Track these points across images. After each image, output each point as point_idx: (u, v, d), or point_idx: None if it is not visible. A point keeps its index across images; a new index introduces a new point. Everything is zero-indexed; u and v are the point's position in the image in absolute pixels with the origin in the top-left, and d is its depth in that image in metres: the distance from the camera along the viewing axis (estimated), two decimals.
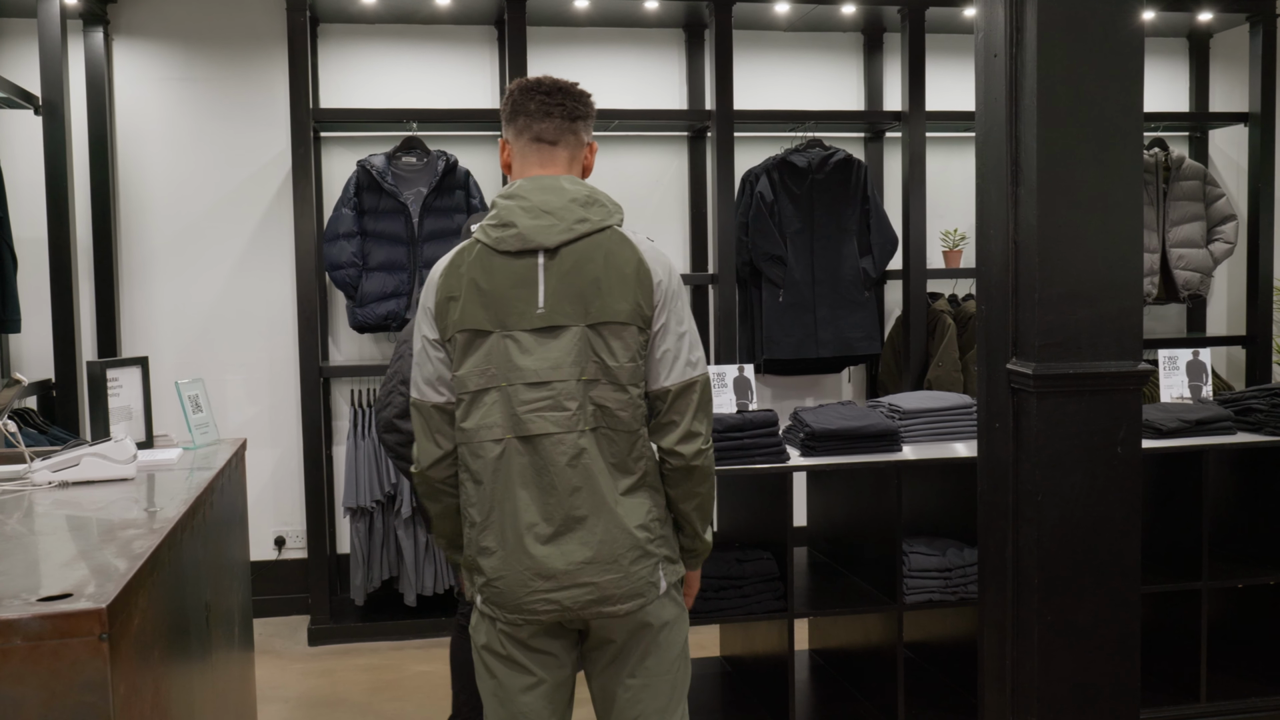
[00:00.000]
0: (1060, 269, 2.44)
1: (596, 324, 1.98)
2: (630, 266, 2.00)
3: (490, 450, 1.99)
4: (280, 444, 5.01)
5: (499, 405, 1.98)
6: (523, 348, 1.98)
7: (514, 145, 2.10)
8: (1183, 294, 5.28)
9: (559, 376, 1.97)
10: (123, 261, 4.88)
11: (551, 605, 1.99)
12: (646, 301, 2.00)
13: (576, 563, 1.97)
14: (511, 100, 2.10)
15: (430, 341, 2.05)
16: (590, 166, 2.14)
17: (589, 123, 2.12)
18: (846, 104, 5.38)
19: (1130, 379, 2.46)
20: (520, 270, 1.99)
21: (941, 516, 3.66)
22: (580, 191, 2.03)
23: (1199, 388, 3.82)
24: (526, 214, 1.99)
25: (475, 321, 1.99)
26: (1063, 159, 2.42)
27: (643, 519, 2.02)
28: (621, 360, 1.99)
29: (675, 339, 2.03)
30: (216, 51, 4.91)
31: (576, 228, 1.99)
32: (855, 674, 3.73)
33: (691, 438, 2.04)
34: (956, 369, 4.96)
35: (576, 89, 2.11)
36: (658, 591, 2.05)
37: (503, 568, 2.00)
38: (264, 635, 4.70)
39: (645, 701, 2.08)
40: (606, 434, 1.99)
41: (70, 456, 2.38)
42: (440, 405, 2.04)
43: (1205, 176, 5.32)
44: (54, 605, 1.45)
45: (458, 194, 4.74)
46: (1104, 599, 2.50)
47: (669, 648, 2.09)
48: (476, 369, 1.99)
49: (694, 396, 2.04)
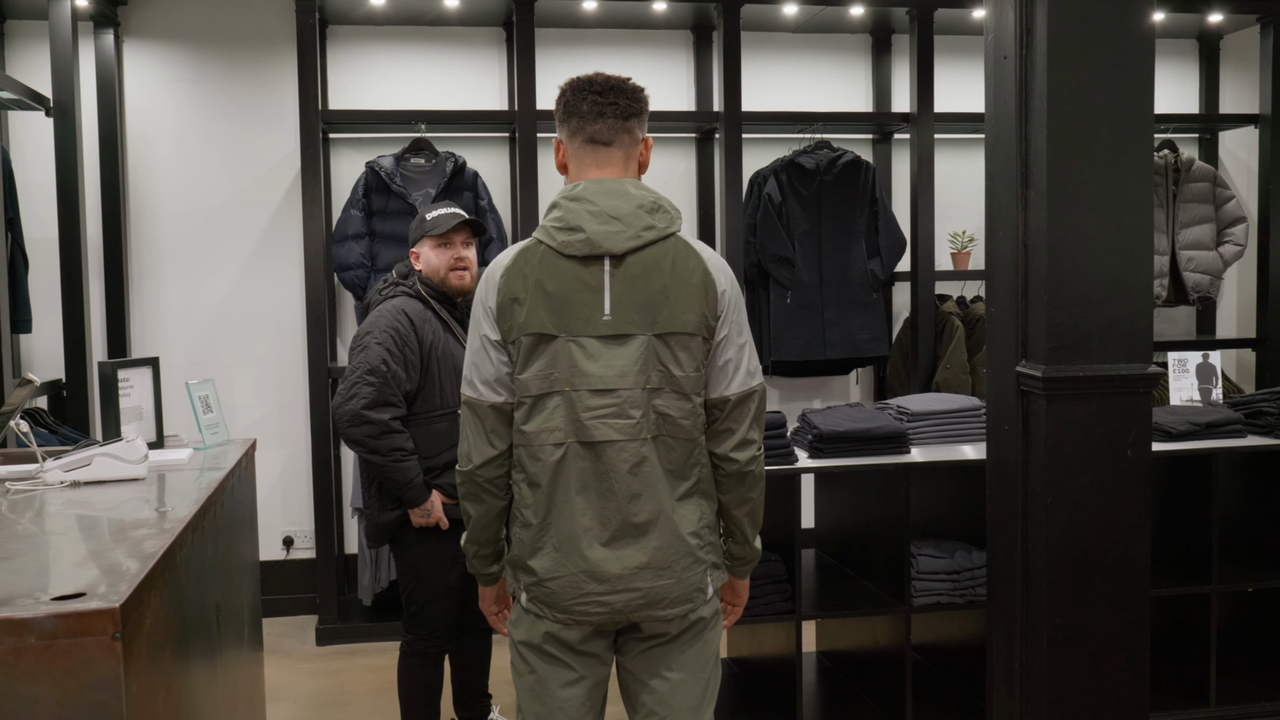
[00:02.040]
0: (1070, 271, 2.43)
1: (663, 334, 1.98)
2: (696, 276, 2.00)
3: (550, 454, 1.99)
4: (289, 444, 5.03)
5: (561, 410, 1.98)
6: (589, 354, 1.98)
7: (568, 146, 2.09)
8: (1192, 296, 5.27)
9: (624, 385, 1.97)
10: (133, 262, 4.90)
11: (603, 608, 2.00)
12: (711, 312, 2.01)
13: (631, 568, 1.98)
14: (564, 101, 2.07)
15: (491, 342, 2.04)
16: (646, 163, 2.12)
17: (643, 119, 2.09)
18: (855, 105, 5.37)
19: (1140, 381, 2.46)
20: (586, 276, 1.98)
21: (950, 519, 3.65)
22: (646, 197, 2.02)
23: (1209, 390, 3.81)
24: (594, 219, 1.98)
25: (541, 325, 1.99)
26: (1073, 161, 2.42)
27: (695, 525, 2.04)
28: (687, 370, 2.00)
29: (736, 349, 2.05)
30: (226, 53, 4.93)
31: (644, 235, 1.99)
32: (863, 676, 3.73)
33: (746, 445, 2.05)
34: (965, 371, 4.96)
35: (629, 85, 2.08)
36: (705, 597, 2.07)
37: (557, 569, 2.00)
38: (272, 635, 4.71)
39: (680, 698, 2.08)
40: (666, 441, 2.00)
41: (82, 456, 2.39)
42: (498, 405, 2.04)
43: (1215, 178, 5.31)
44: (67, 605, 1.45)
45: (466, 195, 4.75)
46: (1113, 602, 2.49)
47: (708, 645, 2.11)
48: (540, 373, 1.99)
49: (751, 405, 2.06)
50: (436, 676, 3.22)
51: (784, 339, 4.95)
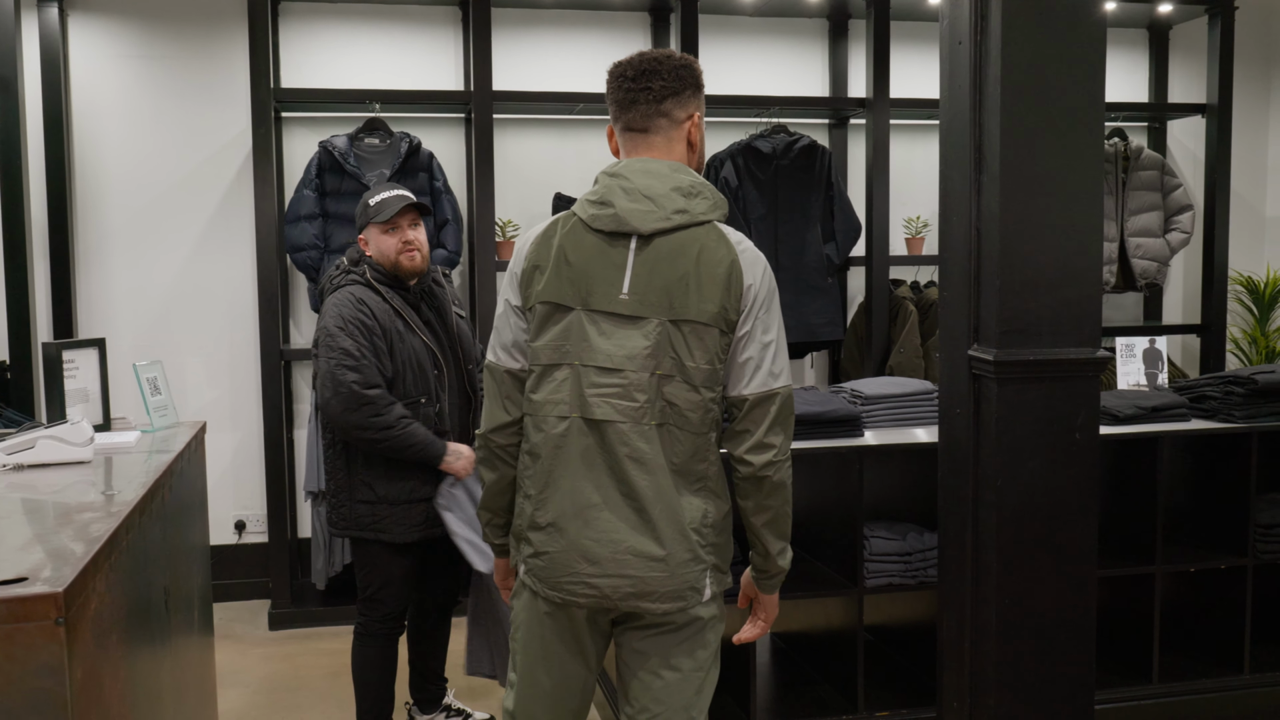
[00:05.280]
0: (1021, 256, 2.46)
1: (679, 320, 1.94)
2: (723, 267, 1.96)
3: (554, 426, 1.97)
4: (241, 427, 4.96)
5: (569, 383, 1.96)
6: (601, 330, 1.95)
7: (615, 132, 2.08)
8: (1140, 283, 5.36)
9: (632, 367, 1.94)
10: (79, 241, 4.80)
11: (591, 590, 1.97)
12: (734, 306, 1.96)
13: (622, 551, 1.94)
14: (607, 88, 2.06)
15: (512, 308, 2.03)
16: (696, 141, 2.06)
17: (684, 97, 2.02)
18: (811, 90, 5.39)
19: (1089, 366, 2.49)
20: (610, 252, 1.96)
21: (902, 501, 3.69)
22: (685, 180, 1.98)
23: (1155, 375, 3.87)
24: (626, 196, 1.96)
25: (558, 295, 1.97)
26: (1025, 146, 2.44)
27: (696, 522, 1.99)
28: (699, 362, 1.95)
29: (759, 347, 1.99)
30: (175, 29, 4.83)
31: (674, 218, 1.95)
32: (816, 657, 3.76)
33: (763, 448, 1.97)
34: (918, 355, 5.00)
35: (669, 64, 2.02)
36: (700, 598, 2.02)
37: (549, 544, 1.98)
38: (225, 620, 4.66)
39: (674, 695, 2.05)
40: (672, 431, 1.96)
41: (25, 439, 2.34)
42: (514, 371, 2.03)
43: (1163, 167, 5.39)
44: (8, 589, 1.43)
45: (421, 176, 4.70)
46: (1061, 582, 2.53)
47: (707, 645, 2.08)
48: (552, 343, 1.97)
49: (771, 408, 1.98)
50: (391, 659, 3.21)
51: None
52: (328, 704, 3.80)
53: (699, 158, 2.10)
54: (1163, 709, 3.48)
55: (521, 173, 5.04)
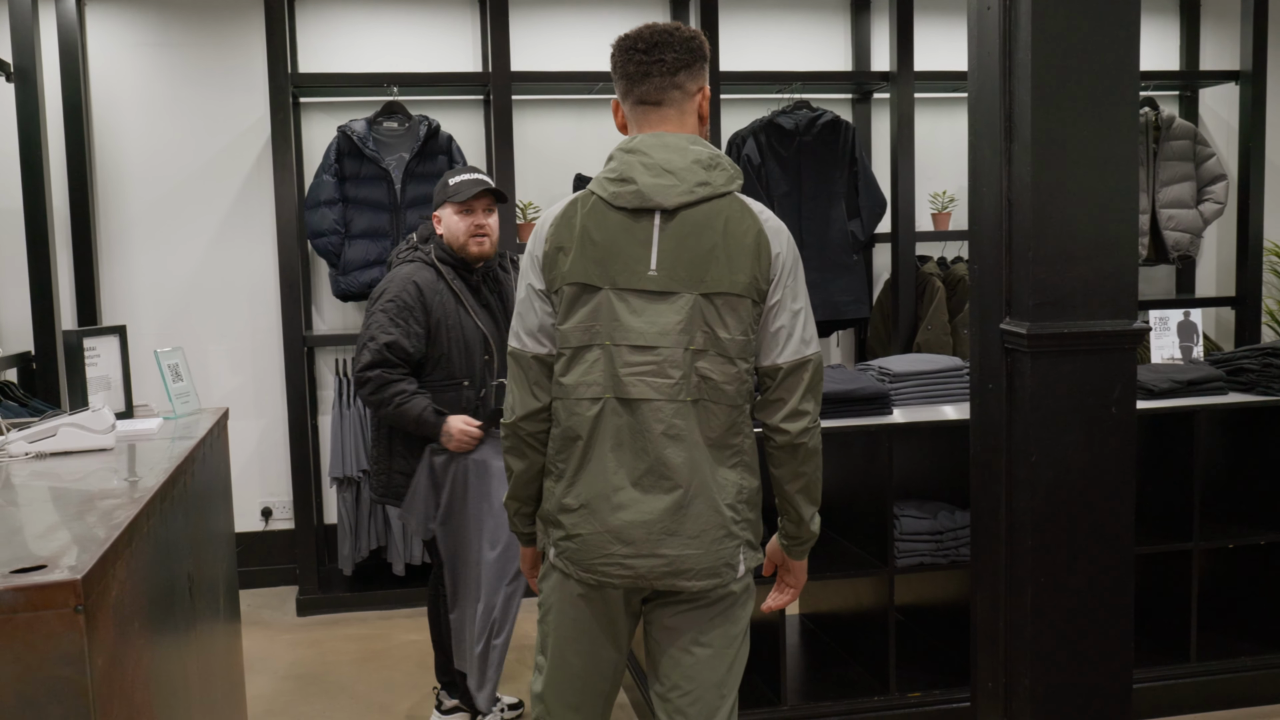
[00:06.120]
0: (1054, 226, 2.40)
1: (710, 294, 1.92)
2: (750, 237, 1.94)
3: (587, 409, 1.94)
4: (265, 414, 4.96)
5: (600, 364, 1.93)
6: (631, 308, 1.92)
7: (624, 106, 2.04)
8: (1172, 255, 5.26)
9: (666, 343, 1.91)
10: (101, 230, 4.80)
11: (626, 571, 1.95)
12: (763, 275, 1.94)
13: (658, 532, 1.93)
14: (614, 62, 2.02)
15: (536, 292, 1.99)
16: (705, 114, 2.05)
17: (695, 69, 2.00)
18: (834, 65, 5.31)
19: (1125, 338, 2.43)
20: (635, 229, 1.93)
21: (932, 479, 3.64)
22: (704, 153, 1.96)
23: (1190, 348, 3.80)
24: (647, 171, 1.92)
25: (585, 276, 1.93)
26: (1057, 113, 2.38)
27: (732, 498, 1.98)
28: (733, 333, 1.93)
29: (790, 315, 1.98)
30: (192, 16, 4.81)
31: (697, 190, 1.92)
32: (846, 638, 3.72)
33: (798, 416, 1.97)
34: (946, 332, 4.93)
35: (679, 35, 1.99)
36: (734, 574, 2.01)
37: (583, 525, 1.96)
38: (252, 606, 4.67)
39: (705, 673, 2.03)
40: (708, 406, 1.94)
41: (47, 427, 2.33)
42: (541, 357, 2.00)
43: (1195, 136, 5.28)
44: (28, 577, 1.40)
45: (440, 159, 4.67)
46: (1097, 560, 2.48)
47: (738, 621, 2.06)
48: (581, 324, 1.94)
49: (805, 375, 1.98)
50: None
51: None
52: (356, 690, 3.80)
53: (707, 130, 2.08)
54: (1201, 688, 3.43)
55: (541, 154, 5.00)
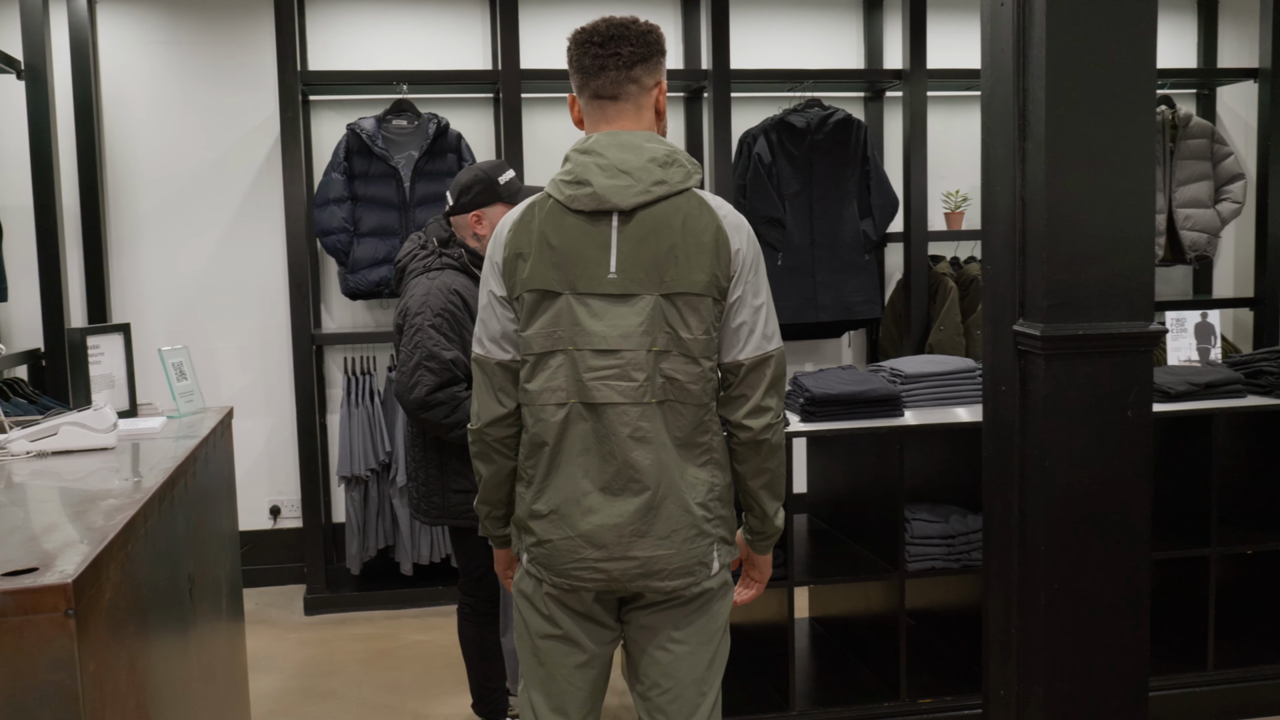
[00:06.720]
0: (1069, 226, 2.35)
1: (671, 294, 1.90)
2: (709, 234, 1.91)
3: (553, 414, 1.93)
4: (274, 413, 4.95)
5: (564, 369, 1.92)
6: (593, 312, 1.91)
7: (580, 101, 2.01)
8: (1189, 255, 5.20)
9: (628, 346, 1.90)
10: (111, 228, 4.79)
11: (599, 575, 1.94)
12: (723, 272, 1.92)
13: (629, 535, 1.92)
14: (569, 56, 1.99)
15: (497, 298, 1.98)
16: (663, 109, 2.02)
17: (651, 63, 1.97)
18: (846, 63, 5.27)
19: (1141, 340, 2.38)
20: (593, 231, 1.91)
21: (944, 482, 3.60)
22: (660, 150, 1.93)
23: (1207, 350, 3.74)
24: (603, 172, 1.90)
25: (545, 281, 1.92)
26: (1072, 111, 2.33)
27: (702, 497, 1.96)
28: (695, 332, 1.92)
29: (751, 311, 1.96)
30: (202, 14, 4.80)
31: (654, 190, 1.90)
32: (856, 642, 3.68)
33: (761, 412, 1.96)
34: (959, 332, 4.89)
35: (635, 28, 1.96)
36: (708, 573, 1.99)
37: (553, 531, 1.95)
38: (260, 605, 4.66)
39: (685, 670, 2.02)
40: (674, 406, 1.93)
41: (48, 426, 2.31)
42: (505, 363, 1.98)
43: (1213, 135, 5.22)
44: (17, 580, 1.38)
45: (449, 157, 4.64)
46: (1112, 566, 2.43)
47: (715, 618, 2.05)
48: (543, 330, 1.93)
49: (768, 371, 1.96)
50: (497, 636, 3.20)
51: (775, 302, 4.85)
52: (362, 688, 3.78)
53: (665, 125, 2.05)
54: (1218, 696, 3.37)
55: (551, 152, 4.97)
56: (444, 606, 4.55)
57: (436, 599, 4.60)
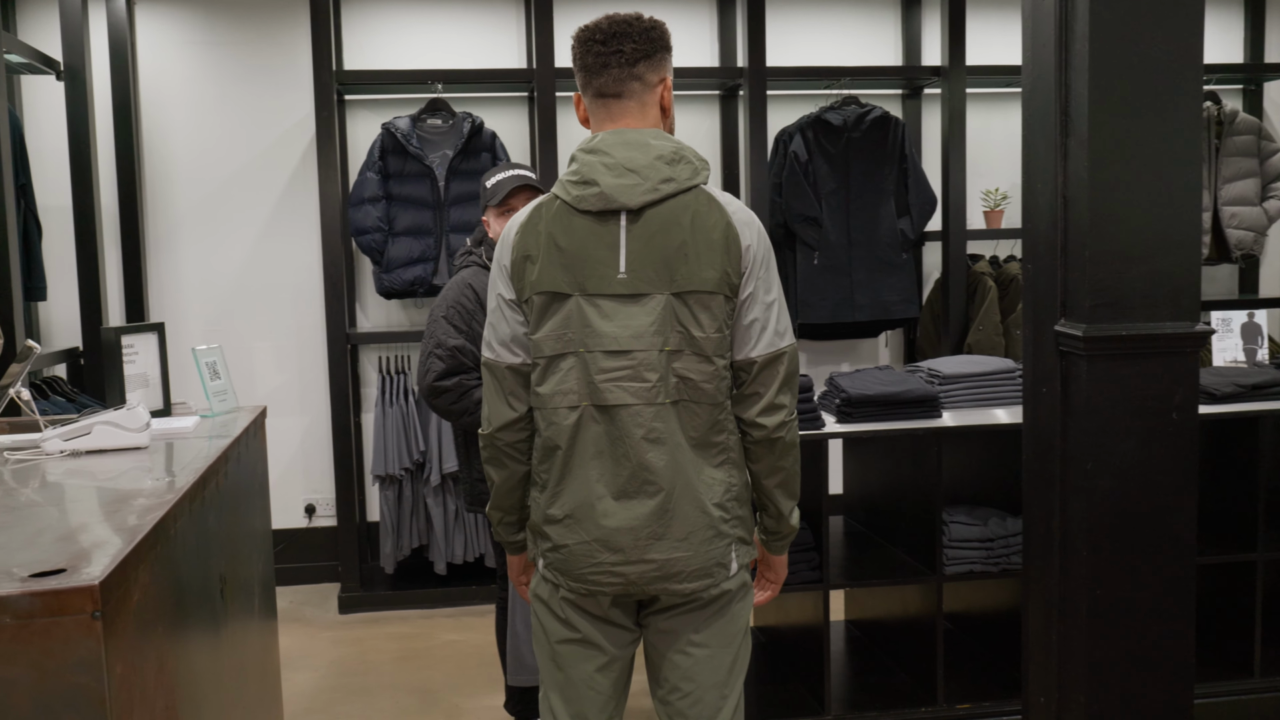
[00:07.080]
0: (1112, 224, 2.30)
1: (681, 292, 1.87)
2: (718, 231, 1.89)
3: (565, 417, 1.91)
4: (309, 412, 4.97)
5: (576, 371, 1.89)
6: (603, 313, 1.88)
7: (584, 100, 1.99)
8: (1235, 254, 5.09)
9: (640, 346, 1.87)
10: (149, 228, 4.83)
11: (616, 579, 1.92)
12: (734, 269, 1.89)
13: (645, 538, 1.89)
14: (573, 54, 1.98)
15: (506, 301, 1.96)
16: (668, 105, 1.99)
17: (655, 60, 1.94)
18: (883, 59, 5.20)
19: (1187, 341, 2.32)
20: (601, 231, 1.89)
21: (983, 485, 3.54)
22: (666, 148, 1.91)
23: (1254, 351, 3.66)
24: (609, 171, 1.88)
25: (554, 284, 1.90)
26: (1116, 108, 2.28)
27: (719, 497, 1.94)
28: (708, 331, 1.89)
29: (763, 308, 1.92)
30: (239, 14, 4.83)
31: (661, 188, 1.88)
32: (893, 646, 3.63)
33: (775, 410, 1.93)
34: (998, 332, 4.82)
35: (639, 25, 1.94)
36: (727, 574, 1.96)
37: (569, 536, 1.93)
38: (294, 603, 4.68)
39: (705, 673, 1.99)
40: (688, 406, 1.90)
41: (81, 425, 2.32)
42: (515, 366, 1.96)
43: (1260, 131, 5.11)
44: (45, 582, 1.38)
45: (484, 156, 4.64)
46: (1156, 572, 2.38)
47: (735, 620, 2.02)
48: (554, 333, 1.90)
49: (780, 368, 1.93)
50: None
51: (811, 301, 4.83)
52: (396, 687, 3.78)
53: (671, 122, 2.02)
54: (1265, 705, 3.30)
55: None
56: (478, 606, 4.55)
57: (470, 598, 4.59)
